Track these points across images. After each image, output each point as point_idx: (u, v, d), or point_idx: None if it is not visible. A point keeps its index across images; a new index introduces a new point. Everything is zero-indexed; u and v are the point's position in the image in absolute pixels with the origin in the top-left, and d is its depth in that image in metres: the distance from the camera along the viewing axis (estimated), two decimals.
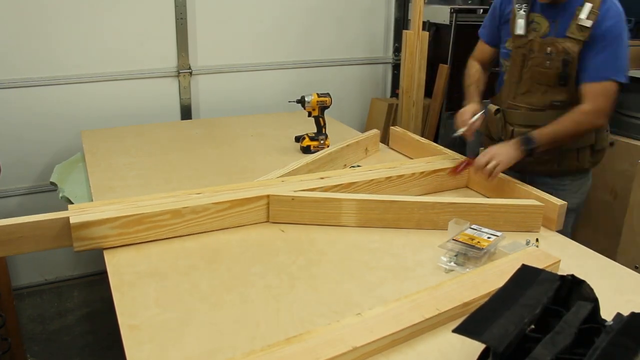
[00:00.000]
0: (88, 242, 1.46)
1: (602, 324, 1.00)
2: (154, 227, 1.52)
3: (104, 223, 1.46)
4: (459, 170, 1.90)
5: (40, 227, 1.45)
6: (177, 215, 1.53)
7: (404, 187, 1.81)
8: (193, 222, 1.56)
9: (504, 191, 1.81)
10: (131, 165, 2.14)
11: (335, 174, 1.82)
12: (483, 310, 1.02)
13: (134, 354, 1.09)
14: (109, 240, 1.48)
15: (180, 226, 1.55)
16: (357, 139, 2.25)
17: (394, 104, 3.42)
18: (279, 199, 1.63)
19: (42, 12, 2.65)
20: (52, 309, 2.79)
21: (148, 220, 1.51)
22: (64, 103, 2.79)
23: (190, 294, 1.30)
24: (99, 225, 1.46)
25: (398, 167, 1.87)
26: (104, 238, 1.47)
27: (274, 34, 3.19)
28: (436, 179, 1.88)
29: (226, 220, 1.60)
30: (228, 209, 1.59)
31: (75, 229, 1.44)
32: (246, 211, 1.62)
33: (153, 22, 2.87)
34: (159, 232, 1.53)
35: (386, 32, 3.52)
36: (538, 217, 1.65)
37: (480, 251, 1.42)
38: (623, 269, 1.46)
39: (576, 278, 1.09)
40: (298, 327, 1.17)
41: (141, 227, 1.50)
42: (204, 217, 1.57)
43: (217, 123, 2.79)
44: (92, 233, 1.46)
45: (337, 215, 1.63)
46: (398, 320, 1.12)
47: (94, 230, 1.46)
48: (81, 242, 1.46)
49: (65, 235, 1.46)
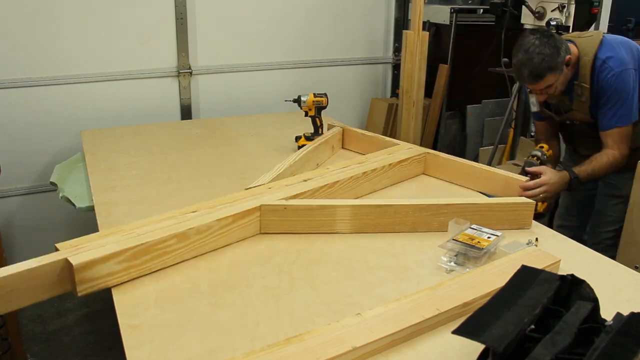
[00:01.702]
0: (93, 284, 1.28)
1: (602, 323, 1.00)
2: (161, 255, 1.38)
3: (109, 259, 1.29)
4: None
5: (33, 276, 1.23)
6: (183, 238, 1.42)
7: (377, 179, 1.90)
8: (198, 242, 1.45)
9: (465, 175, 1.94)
10: (131, 165, 2.14)
11: (316, 174, 1.82)
12: (482, 312, 1.02)
13: (134, 354, 1.09)
14: (116, 277, 1.31)
15: (186, 249, 1.43)
16: (325, 137, 2.26)
17: (394, 104, 3.42)
18: (272, 209, 1.58)
19: (42, 12, 2.65)
20: (52, 309, 2.79)
21: (155, 249, 1.37)
22: (64, 103, 2.79)
23: (190, 294, 1.30)
24: (104, 263, 1.28)
25: (367, 162, 1.93)
26: (110, 275, 1.30)
27: (274, 34, 3.19)
28: (401, 169, 1.99)
29: (230, 234, 1.52)
30: (231, 224, 1.51)
31: (78, 271, 1.25)
32: (247, 224, 1.55)
33: (153, 22, 2.87)
34: (167, 260, 1.40)
35: (386, 32, 3.52)
36: (529, 214, 1.68)
37: (480, 251, 1.42)
38: (623, 269, 1.46)
39: (576, 278, 1.09)
40: (298, 327, 1.17)
41: (148, 256, 1.36)
42: (208, 235, 1.47)
43: (217, 123, 2.79)
44: (96, 273, 1.27)
45: (331, 222, 1.60)
46: (398, 320, 1.12)
47: (99, 268, 1.28)
48: (85, 285, 1.27)
49: (65, 279, 1.27)
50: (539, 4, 2.93)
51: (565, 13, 2.82)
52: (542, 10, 2.93)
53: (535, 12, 2.94)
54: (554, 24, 2.86)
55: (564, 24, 2.83)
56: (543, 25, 2.96)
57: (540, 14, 2.94)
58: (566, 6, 2.80)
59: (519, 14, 2.99)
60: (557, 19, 2.85)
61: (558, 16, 2.85)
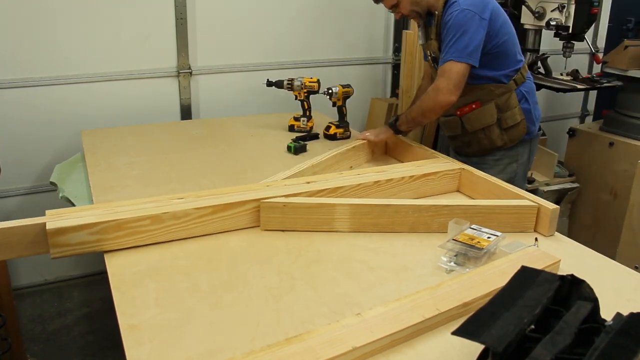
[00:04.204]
0: (65, 249, 1.41)
1: (602, 323, 1.00)
2: (134, 234, 1.47)
3: (82, 229, 1.41)
4: None
5: (14, 234, 1.39)
6: (157, 221, 1.48)
7: (392, 191, 1.76)
8: (173, 227, 1.51)
9: (496, 194, 1.78)
10: (131, 165, 2.14)
11: (322, 178, 1.77)
12: (482, 313, 1.02)
13: (134, 354, 1.09)
14: (87, 247, 1.43)
15: (160, 232, 1.50)
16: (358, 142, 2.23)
17: (394, 104, 3.42)
18: (271, 206, 1.58)
19: (43, 12, 2.65)
20: (52, 309, 2.79)
21: (127, 226, 1.46)
22: (64, 103, 2.79)
23: (190, 294, 1.30)
24: (77, 232, 1.41)
25: (387, 171, 1.83)
26: (82, 244, 1.42)
27: (274, 34, 3.19)
28: (426, 183, 1.84)
29: (209, 225, 1.55)
30: (210, 214, 1.54)
31: (51, 235, 1.38)
32: (229, 217, 1.57)
33: (153, 22, 2.87)
34: (139, 239, 1.48)
35: (386, 32, 3.52)
36: (531, 218, 1.63)
37: (480, 251, 1.42)
38: (623, 269, 1.46)
39: (576, 278, 1.09)
40: (298, 327, 1.17)
41: (120, 232, 1.45)
42: (186, 222, 1.52)
43: (217, 123, 2.79)
44: (69, 239, 1.41)
45: (330, 220, 1.59)
46: (398, 320, 1.12)
47: (72, 236, 1.41)
48: (58, 249, 1.41)
49: (42, 241, 1.40)
50: (538, 4, 2.93)
51: (565, 13, 2.82)
52: (541, 10, 2.93)
53: (535, 12, 2.95)
54: (553, 24, 2.86)
55: (564, 24, 2.83)
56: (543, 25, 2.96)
57: (540, 14, 2.94)
58: (566, 6, 2.80)
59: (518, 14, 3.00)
60: (557, 19, 2.85)
61: (558, 16, 2.86)
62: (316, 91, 2.58)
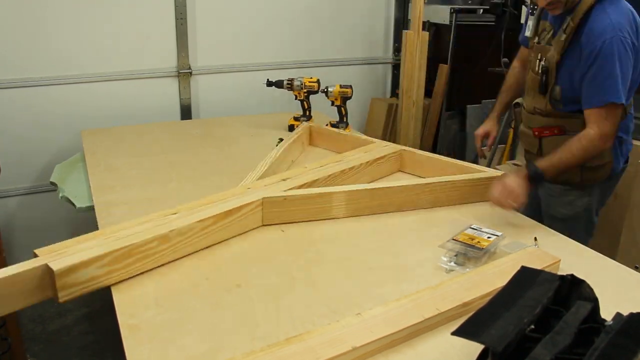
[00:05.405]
0: (75, 289, 1.25)
1: (602, 323, 1.00)
2: (144, 258, 1.36)
3: (91, 263, 1.26)
4: None
5: (12, 283, 1.20)
6: (165, 240, 1.40)
7: (356, 177, 1.93)
8: (179, 244, 1.43)
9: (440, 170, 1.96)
10: (131, 165, 2.14)
11: (295, 173, 1.84)
12: (482, 313, 1.02)
13: (134, 354, 1.09)
14: (98, 282, 1.29)
15: (169, 251, 1.41)
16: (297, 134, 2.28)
17: (394, 104, 3.43)
18: (272, 201, 1.63)
19: (42, 12, 2.65)
20: (52, 309, 2.79)
21: (137, 251, 1.34)
22: (64, 103, 2.79)
23: (190, 294, 1.30)
24: (86, 267, 1.26)
25: (345, 161, 1.97)
26: (92, 280, 1.27)
27: (274, 34, 3.19)
28: (377, 166, 2.02)
29: (213, 235, 1.51)
30: (212, 225, 1.51)
31: (60, 276, 1.21)
32: (229, 224, 1.55)
33: (153, 22, 2.87)
34: (149, 262, 1.37)
35: (386, 32, 3.52)
36: None
37: (480, 251, 1.42)
38: (623, 269, 1.46)
39: (576, 278, 1.09)
40: (298, 327, 1.17)
41: (131, 259, 1.33)
42: (191, 236, 1.46)
43: (217, 123, 2.79)
44: (79, 277, 1.25)
45: (328, 209, 1.69)
46: (398, 320, 1.12)
47: (81, 274, 1.25)
48: (67, 291, 1.24)
49: (46, 285, 1.23)
50: None
51: None
52: None
53: None
54: None
55: None
56: None
57: None
58: None
59: (519, 14, 3.00)
60: None
61: None
62: (316, 91, 2.59)
